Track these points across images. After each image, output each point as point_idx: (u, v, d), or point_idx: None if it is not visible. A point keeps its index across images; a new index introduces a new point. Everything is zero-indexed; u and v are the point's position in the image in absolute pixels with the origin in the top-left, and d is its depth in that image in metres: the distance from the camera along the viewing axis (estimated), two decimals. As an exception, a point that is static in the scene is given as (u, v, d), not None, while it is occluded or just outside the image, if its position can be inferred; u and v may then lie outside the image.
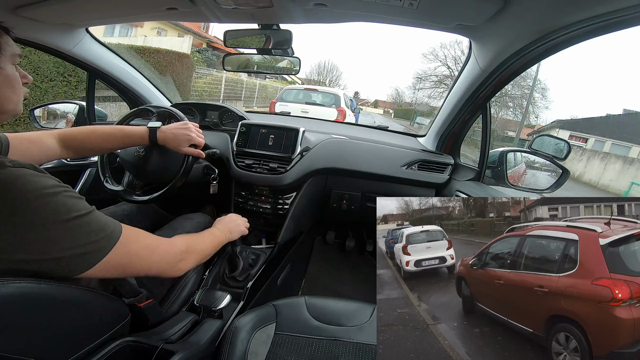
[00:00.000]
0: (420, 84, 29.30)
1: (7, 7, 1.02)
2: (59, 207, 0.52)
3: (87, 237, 0.55)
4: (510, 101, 19.98)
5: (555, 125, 18.78)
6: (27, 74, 0.69)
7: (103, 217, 0.60)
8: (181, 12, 1.05)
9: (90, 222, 0.56)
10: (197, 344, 0.83)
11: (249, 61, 1.38)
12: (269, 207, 1.47)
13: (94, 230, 0.56)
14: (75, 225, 0.53)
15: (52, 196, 0.52)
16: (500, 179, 1.32)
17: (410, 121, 28.19)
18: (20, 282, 0.48)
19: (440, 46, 29.65)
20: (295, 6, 0.93)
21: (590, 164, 13.20)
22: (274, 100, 6.76)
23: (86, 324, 0.60)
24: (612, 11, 0.66)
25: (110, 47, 1.52)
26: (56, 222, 0.51)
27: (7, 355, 0.46)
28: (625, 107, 23.51)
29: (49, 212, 0.51)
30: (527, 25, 0.82)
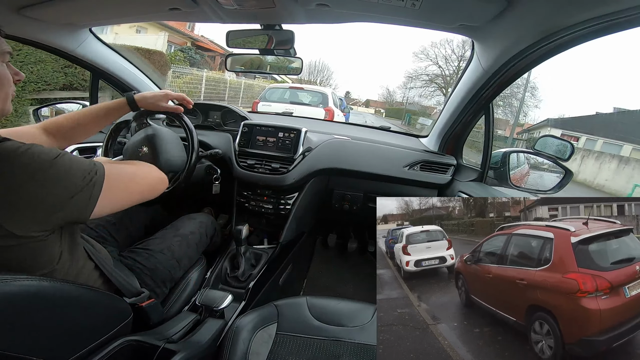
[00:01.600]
0: (411, 83, 29.19)
1: (12, 7, 1.03)
2: (39, 154, 0.54)
3: (77, 177, 0.57)
4: (501, 100, 19.90)
5: (546, 123, 18.68)
6: (19, 71, 0.69)
7: (82, 160, 0.61)
8: (184, 12, 1.05)
9: (70, 160, 0.57)
10: (198, 343, 0.84)
11: (261, 61, 1.37)
12: (271, 208, 1.47)
13: (78, 169, 0.58)
14: (59, 165, 0.55)
15: (29, 148, 0.53)
16: (503, 179, 1.31)
17: (402, 120, 28.09)
18: (22, 280, 0.49)
19: (431, 45, 29.46)
20: (297, 6, 0.93)
21: (585, 164, 13.02)
22: (257, 100, 6.40)
23: (88, 323, 0.61)
24: (615, 12, 0.66)
25: (114, 47, 1.53)
26: (43, 170, 0.53)
27: (9, 353, 0.46)
28: (616, 106, 23.39)
29: (36, 162, 0.53)
30: (530, 26, 0.82)
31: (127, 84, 1.66)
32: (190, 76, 10.13)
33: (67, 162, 0.56)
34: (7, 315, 0.47)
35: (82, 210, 0.58)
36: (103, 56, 1.50)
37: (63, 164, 0.56)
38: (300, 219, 1.53)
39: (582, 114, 23.22)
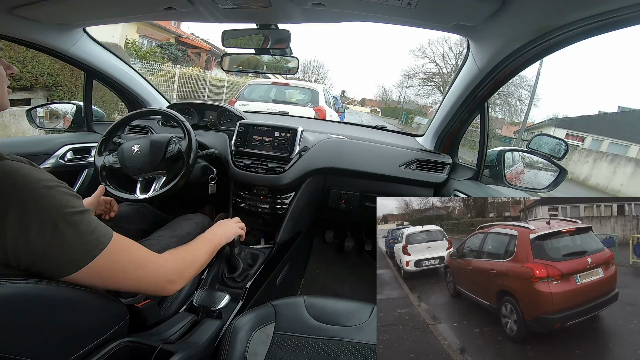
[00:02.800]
0: (407, 81, 29.18)
1: (4, 7, 1.02)
2: (53, 201, 0.52)
3: (76, 238, 0.53)
4: (499, 98, 19.91)
5: (550, 123, 18.65)
6: (11, 65, 0.66)
7: (96, 220, 0.58)
8: (179, 12, 1.04)
9: (81, 222, 0.55)
10: (196, 344, 0.83)
11: (258, 61, 1.37)
12: (268, 207, 1.47)
13: (83, 232, 0.54)
14: (66, 222, 0.52)
15: (48, 189, 0.52)
16: (498, 178, 1.33)
17: (399, 120, 27.93)
18: (19, 282, 0.48)
19: (428, 43, 29.55)
20: (293, 6, 0.93)
21: (598, 167, 12.50)
22: (233, 99, 5.63)
23: (84, 324, 0.60)
24: (610, 11, 0.66)
25: (107, 47, 1.51)
26: (48, 217, 0.51)
27: (5, 355, 0.46)
28: (620, 105, 23.44)
29: (43, 205, 0.51)
30: (525, 25, 0.82)
31: (121, 83, 1.65)
32: (161, 73, 9.07)
33: (76, 221, 0.54)
34: (2, 317, 0.46)
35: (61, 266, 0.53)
36: (97, 56, 1.49)
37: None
38: (297, 219, 1.53)
39: (584, 113, 23.35)
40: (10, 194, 0.49)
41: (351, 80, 75.89)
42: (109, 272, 0.58)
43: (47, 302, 0.52)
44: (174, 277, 0.70)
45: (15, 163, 0.52)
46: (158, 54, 10.65)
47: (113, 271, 0.59)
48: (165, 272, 0.68)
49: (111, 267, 0.58)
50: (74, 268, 0.53)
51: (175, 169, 1.24)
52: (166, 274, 0.68)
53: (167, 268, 0.69)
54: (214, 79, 11.49)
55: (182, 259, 0.74)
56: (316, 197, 1.60)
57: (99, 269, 0.56)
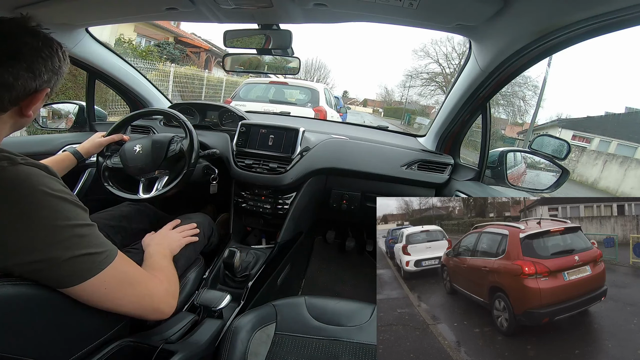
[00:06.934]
0: (410, 81, 28.91)
1: (6, 7, 1.02)
2: (62, 211, 0.52)
3: (81, 250, 0.53)
4: (502, 99, 19.75)
5: (556, 124, 18.46)
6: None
7: (102, 237, 0.59)
8: (181, 12, 1.05)
9: (88, 235, 0.55)
10: (197, 344, 0.83)
11: (260, 61, 1.37)
12: (269, 207, 1.47)
13: (89, 245, 0.55)
14: (72, 234, 0.53)
15: (58, 200, 0.52)
16: (500, 178, 1.32)
17: (401, 120, 27.72)
18: (20, 283, 0.48)
19: (431, 42, 29.30)
20: (295, 6, 0.93)
21: (608, 169, 11.66)
22: (229, 99, 5.39)
23: (85, 324, 0.60)
24: (612, 11, 0.66)
25: (110, 47, 1.52)
26: (55, 226, 0.51)
27: (6, 355, 0.46)
28: (628, 105, 23.16)
29: (52, 214, 0.51)
30: (527, 25, 0.82)
31: (124, 84, 1.65)
32: (155, 72, 8.80)
33: (82, 234, 0.55)
34: (3, 317, 0.46)
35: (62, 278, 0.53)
36: (100, 56, 1.49)
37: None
38: (298, 219, 1.53)
39: (590, 114, 23.04)
40: (18, 200, 0.49)
41: (353, 80, 75.97)
42: (110, 289, 0.58)
43: (47, 302, 0.52)
44: (167, 300, 0.72)
45: (29, 169, 0.52)
46: (155, 53, 10.53)
47: (114, 287, 0.59)
48: (159, 295, 0.69)
49: (113, 283, 0.59)
50: (77, 280, 0.53)
51: (177, 169, 1.24)
52: (164, 297, 0.70)
53: (161, 291, 0.70)
54: (211, 78, 11.27)
55: (168, 280, 0.76)
56: (317, 198, 1.60)
57: (101, 284, 0.56)
